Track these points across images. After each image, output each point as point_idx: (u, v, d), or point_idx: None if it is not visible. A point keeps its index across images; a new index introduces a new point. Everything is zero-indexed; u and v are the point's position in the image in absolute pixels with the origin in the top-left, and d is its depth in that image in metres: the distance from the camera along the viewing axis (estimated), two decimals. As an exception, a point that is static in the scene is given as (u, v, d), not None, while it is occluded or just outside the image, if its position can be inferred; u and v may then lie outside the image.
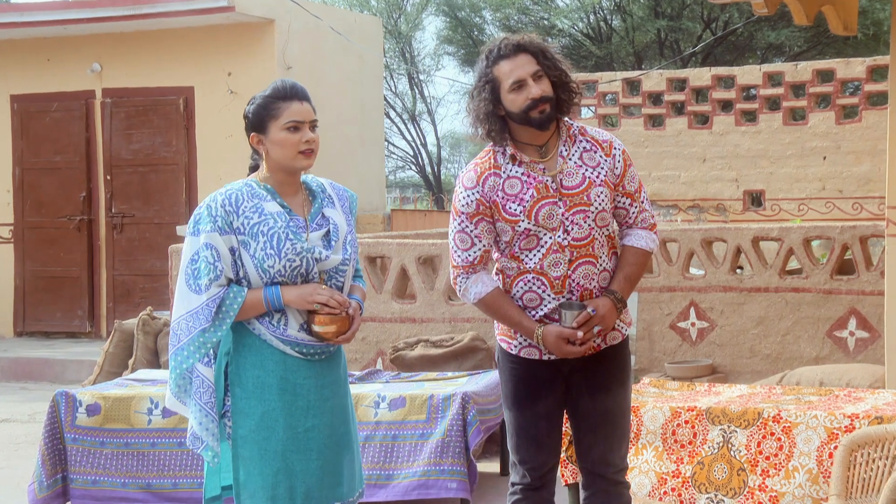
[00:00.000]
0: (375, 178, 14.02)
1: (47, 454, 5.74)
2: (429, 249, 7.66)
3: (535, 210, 3.79)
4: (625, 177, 3.90)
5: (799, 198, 12.58)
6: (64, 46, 12.26)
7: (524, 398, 3.95)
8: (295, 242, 3.63)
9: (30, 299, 12.45)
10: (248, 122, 3.76)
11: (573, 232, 3.81)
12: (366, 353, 7.72)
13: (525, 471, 3.98)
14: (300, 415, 3.67)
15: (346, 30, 12.92)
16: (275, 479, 3.64)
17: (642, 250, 3.94)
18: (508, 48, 3.80)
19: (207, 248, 3.58)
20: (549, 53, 3.83)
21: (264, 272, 3.62)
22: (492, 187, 3.81)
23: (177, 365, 3.63)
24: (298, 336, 3.67)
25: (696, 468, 4.87)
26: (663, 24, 20.91)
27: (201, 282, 3.57)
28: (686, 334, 7.31)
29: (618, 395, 3.96)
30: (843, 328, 7.01)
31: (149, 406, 5.77)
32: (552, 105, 3.79)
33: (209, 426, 3.64)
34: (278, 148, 3.68)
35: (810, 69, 12.59)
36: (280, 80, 3.77)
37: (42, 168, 12.43)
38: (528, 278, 3.84)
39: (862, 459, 3.89)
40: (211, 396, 3.63)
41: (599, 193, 3.83)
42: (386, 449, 5.61)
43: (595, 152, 3.88)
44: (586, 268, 3.84)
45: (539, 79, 3.78)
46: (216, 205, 3.61)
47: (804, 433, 4.69)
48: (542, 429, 3.95)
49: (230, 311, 3.60)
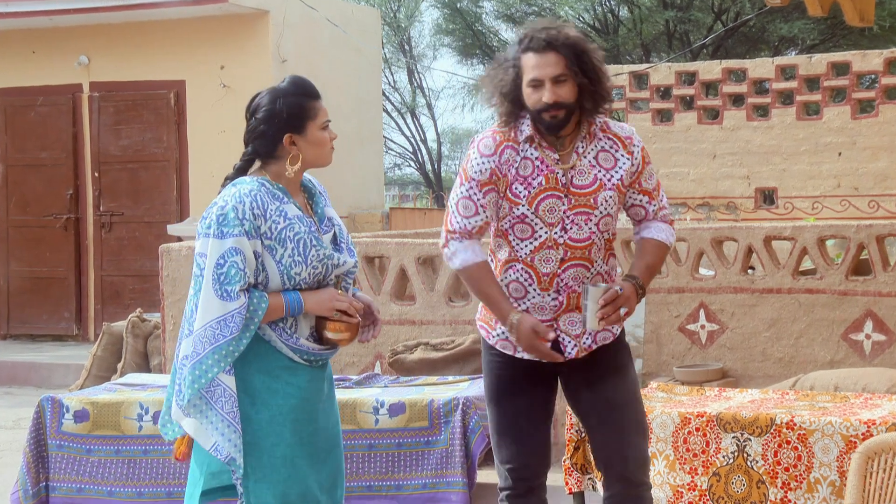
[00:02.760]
0: (374, 175, 14.02)
1: (32, 461, 5.74)
2: (429, 249, 7.65)
3: (538, 200, 3.78)
4: (642, 174, 3.89)
5: (813, 195, 12.57)
6: (50, 38, 12.25)
7: (504, 392, 3.90)
8: (319, 249, 3.68)
9: (14, 301, 12.44)
10: (280, 122, 3.71)
11: (571, 231, 3.80)
12: (363, 357, 7.71)
13: (507, 473, 3.92)
14: (305, 419, 3.71)
15: (343, 22, 12.92)
16: (285, 486, 3.66)
17: (661, 242, 3.92)
18: (539, 43, 3.74)
19: (236, 252, 3.57)
20: (585, 56, 3.76)
21: (289, 279, 3.65)
22: (507, 161, 3.79)
23: (201, 374, 3.57)
24: (306, 343, 3.71)
25: (713, 480, 4.87)
26: (672, 16, 20.89)
27: (231, 288, 3.56)
28: (695, 337, 7.31)
29: (618, 384, 3.89)
30: (858, 331, 7.01)
31: (139, 412, 5.77)
32: (568, 112, 3.75)
33: (233, 437, 3.61)
34: (315, 148, 3.74)
35: (825, 62, 12.58)
36: (299, 78, 3.79)
37: (27, 165, 12.43)
38: (518, 268, 3.83)
39: (879, 467, 3.88)
40: (234, 406, 3.61)
41: (607, 198, 3.81)
42: (392, 458, 5.61)
43: (615, 151, 3.85)
44: (578, 270, 3.82)
45: (560, 83, 3.73)
46: (244, 207, 3.59)
47: (821, 441, 4.68)
48: (521, 426, 3.88)
49: (255, 317, 3.60)
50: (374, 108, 14.06)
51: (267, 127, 3.72)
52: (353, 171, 13.11)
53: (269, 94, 3.75)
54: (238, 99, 11.59)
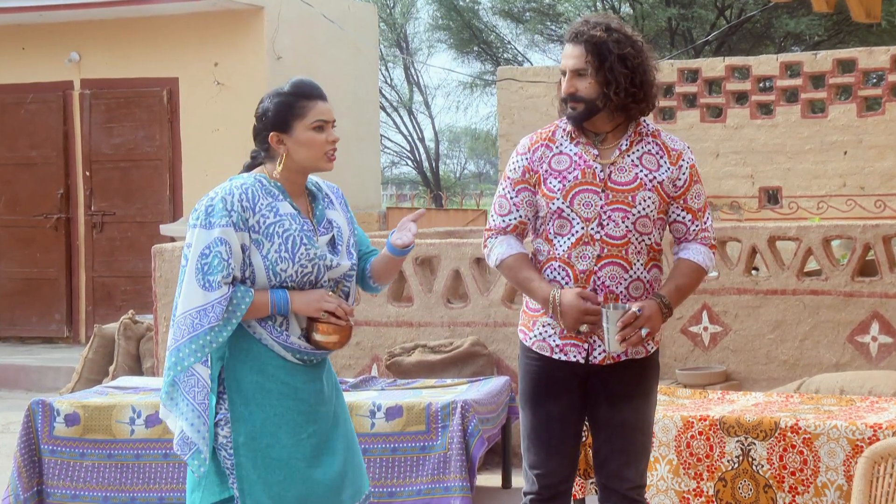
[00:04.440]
0: (371, 174, 14.02)
1: (23, 466, 5.73)
2: (427, 250, 7.65)
3: (573, 193, 3.84)
4: (688, 192, 3.97)
5: (818, 195, 12.57)
6: (40, 34, 12.24)
7: (537, 396, 3.94)
8: (309, 248, 3.68)
9: (4, 302, 12.43)
10: (266, 121, 3.74)
11: (608, 227, 3.84)
12: (360, 359, 7.72)
13: (534, 478, 3.96)
14: (301, 420, 3.71)
15: (340, 18, 12.91)
16: (282, 488, 3.67)
17: (697, 265, 3.95)
18: (569, 34, 3.90)
19: (222, 243, 3.59)
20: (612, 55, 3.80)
21: (275, 275, 3.65)
22: (540, 158, 3.90)
23: (177, 362, 3.60)
24: (298, 342, 3.71)
25: (719, 485, 4.87)
26: (674, 13, 20.90)
27: (213, 278, 3.58)
28: (698, 339, 7.31)
29: (639, 406, 3.94)
30: (864, 333, 7.01)
31: (131, 415, 5.77)
32: (587, 107, 3.83)
33: (201, 428, 3.62)
34: (304, 148, 3.71)
35: (830, 59, 12.58)
36: (299, 78, 3.81)
37: (17, 163, 12.41)
38: (555, 266, 3.88)
39: (885, 472, 3.88)
40: (205, 398, 3.62)
41: (646, 198, 3.86)
42: (386, 463, 5.60)
43: (660, 157, 3.93)
44: (614, 269, 3.85)
45: (579, 77, 3.83)
46: (233, 199, 3.62)
47: (826, 445, 4.68)
48: (553, 432, 3.93)
49: (237, 310, 3.61)
50: (371, 105, 14.06)
51: (259, 125, 3.76)
52: (350, 170, 13.10)
53: (267, 94, 3.79)
54: (232, 97, 11.59)
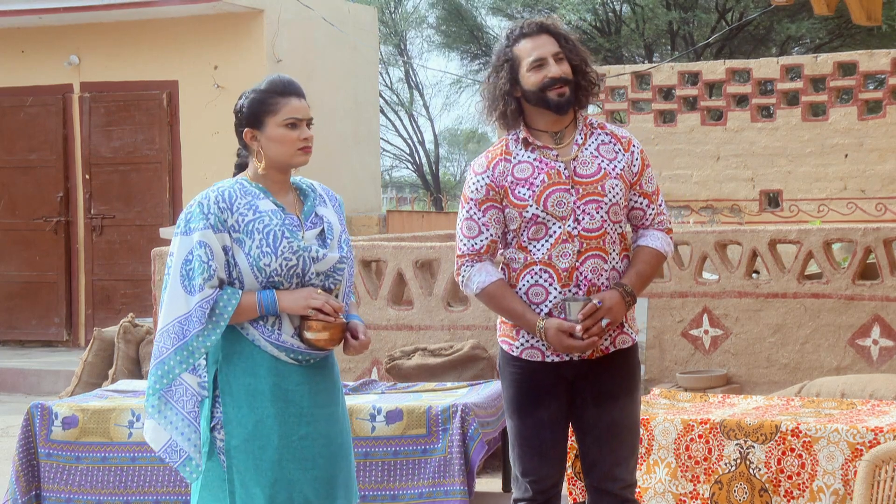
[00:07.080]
0: (370, 177, 14.02)
1: (21, 470, 5.73)
2: (427, 253, 7.65)
3: (545, 196, 3.85)
4: (642, 176, 3.98)
5: (819, 198, 12.56)
6: (39, 37, 12.24)
7: (526, 404, 3.95)
8: (291, 241, 3.67)
9: (3, 306, 12.43)
10: (241, 117, 3.78)
11: (584, 222, 3.86)
12: (360, 363, 7.71)
13: (527, 484, 3.98)
14: (294, 422, 3.70)
15: (339, 20, 12.92)
16: (272, 490, 3.66)
17: (657, 251, 3.98)
18: (532, 27, 3.92)
19: (201, 246, 3.60)
20: (571, 39, 3.96)
21: (260, 271, 3.65)
22: (502, 172, 3.89)
23: (164, 374, 3.60)
24: (292, 342, 3.70)
25: (715, 488, 4.87)
26: (675, 16, 20.91)
27: (195, 282, 3.59)
28: (699, 342, 7.31)
29: (625, 404, 3.96)
30: (865, 336, 7.01)
31: (130, 419, 5.77)
32: (571, 89, 3.88)
33: (192, 437, 3.64)
34: (276, 145, 3.72)
35: (831, 62, 12.57)
36: (276, 75, 3.82)
37: (16, 167, 12.42)
38: (535, 270, 3.88)
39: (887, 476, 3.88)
40: (195, 406, 3.63)
41: (614, 186, 3.89)
42: (388, 466, 5.60)
43: (614, 145, 3.96)
44: (595, 261, 3.87)
45: (560, 61, 3.89)
46: (209, 202, 3.64)
47: (826, 449, 4.68)
48: (544, 438, 3.95)
49: (224, 313, 3.61)
50: (370, 108, 14.06)
51: (235, 122, 3.80)
52: (350, 173, 13.10)
53: (244, 91, 3.82)
54: (232, 100, 11.51)
